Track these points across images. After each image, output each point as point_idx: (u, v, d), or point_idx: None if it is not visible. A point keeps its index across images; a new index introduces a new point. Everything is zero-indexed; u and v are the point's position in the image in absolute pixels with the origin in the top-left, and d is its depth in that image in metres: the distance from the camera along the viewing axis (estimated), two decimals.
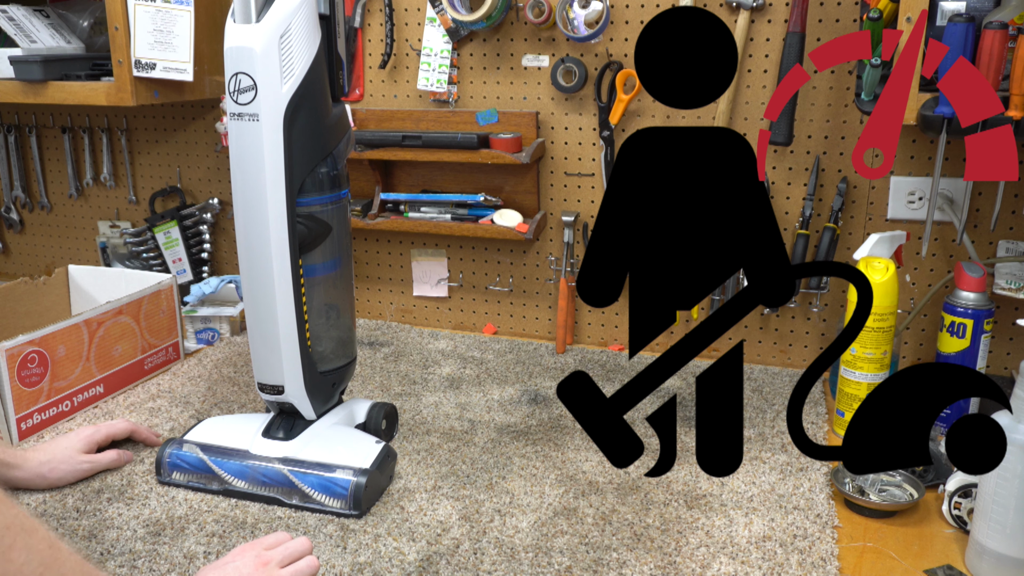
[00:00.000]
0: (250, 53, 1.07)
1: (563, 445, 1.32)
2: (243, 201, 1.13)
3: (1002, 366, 1.52)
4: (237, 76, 1.08)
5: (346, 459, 1.16)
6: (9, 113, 2.12)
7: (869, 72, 1.19)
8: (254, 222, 1.13)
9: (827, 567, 1.00)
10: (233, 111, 1.10)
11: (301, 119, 1.11)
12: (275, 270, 1.14)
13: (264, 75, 1.07)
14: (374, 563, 1.02)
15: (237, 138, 1.11)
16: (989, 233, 1.47)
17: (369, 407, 1.32)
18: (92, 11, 1.91)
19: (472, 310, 1.85)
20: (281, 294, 1.15)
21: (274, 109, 1.09)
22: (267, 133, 1.09)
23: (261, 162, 1.10)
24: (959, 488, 1.09)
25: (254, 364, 1.21)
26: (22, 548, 0.66)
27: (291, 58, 1.09)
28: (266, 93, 1.08)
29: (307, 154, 1.14)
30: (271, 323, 1.17)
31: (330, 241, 1.21)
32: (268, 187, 1.11)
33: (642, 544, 1.06)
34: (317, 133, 1.15)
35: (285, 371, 1.19)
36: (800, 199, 1.56)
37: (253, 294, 1.17)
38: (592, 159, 1.67)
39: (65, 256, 2.20)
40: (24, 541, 0.66)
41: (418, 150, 1.66)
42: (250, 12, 1.07)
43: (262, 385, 1.21)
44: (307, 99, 1.11)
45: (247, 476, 1.17)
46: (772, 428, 1.37)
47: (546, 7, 1.56)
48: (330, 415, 1.27)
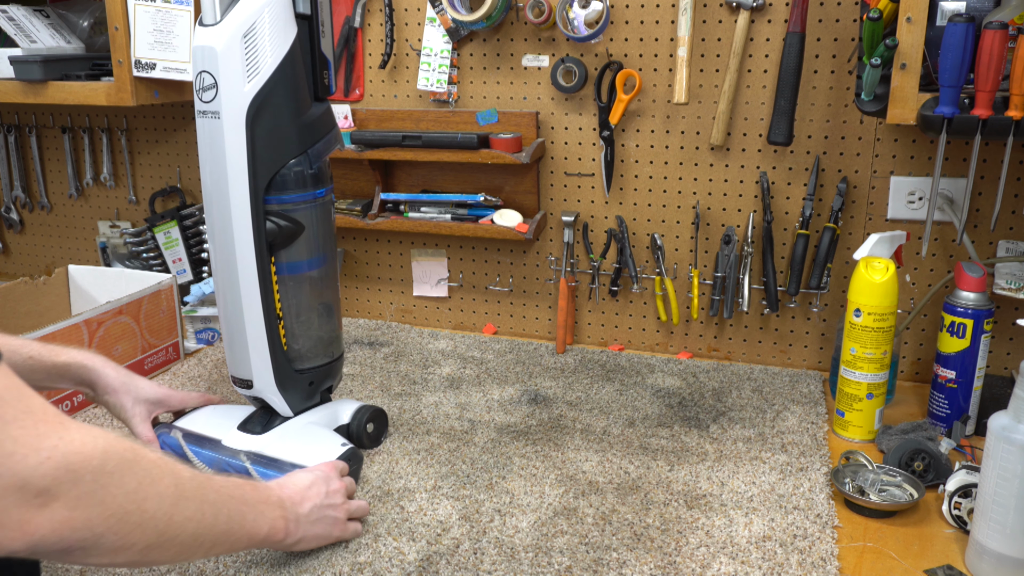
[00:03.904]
0: (211, 52, 1.09)
1: (563, 445, 1.32)
2: (209, 197, 1.16)
3: (1002, 366, 1.52)
4: (201, 75, 1.11)
5: (307, 458, 1.16)
6: (9, 113, 2.12)
7: (869, 72, 1.19)
8: (220, 218, 1.15)
9: (827, 567, 1.00)
10: (198, 108, 1.12)
11: (267, 117, 1.12)
12: (240, 265, 1.16)
13: (226, 74, 1.09)
14: (374, 563, 1.02)
15: (201, 135, 1.14)
16: (989, 233, 1.47)
17: (356, 409, 1.31)
18: (92, 11, 1.91)
19: (472, 310, 1.85)
20: (247, 289, 1.17)
21: (236, 107, 1.10)
22: (229, 131, 1.10)
23: (223, 159, 1.12)
24: (959, 488, 1.09)
25: (227, 356, 1.24)
26: (154, 496, 0.71)
27: (256, 57, 1.10)
28: (227, 91, 1.09)
29: (275, 152, 1.14)
30: (238, 318, 1.19)
31: (308, 239, 1.20)
32: (231, 183, 1.12)
33: (642, 544, 1.06)
34: (288, 132, 1.15)
35: (253, 366, 1.20)
36: (800, 199, 1.56)
37: (221, 288, 1.20)
38: (592, 159, 1.67)
39: (65, 256, 2.20)
40: (155, 490, 0.71)
41: (418, 150, 1.66)
42: (214, 12, 1.09)
43: (233, 378, 1.24)
44: (276, 97, 1.12)
45: (215, 465, 1.19)
46: (772, 428, 1.37)
47: (546, 7, 1.56)
48: (309, 413, 1.27)
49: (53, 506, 0.62)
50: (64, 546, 0.64)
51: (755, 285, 1.62)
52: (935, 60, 1.20)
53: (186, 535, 0.76)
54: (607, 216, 1.69)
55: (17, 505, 0.60)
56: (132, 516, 0.69)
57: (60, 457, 0.62)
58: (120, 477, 0.68)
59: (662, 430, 1.36)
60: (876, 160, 1.51)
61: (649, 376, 1.59)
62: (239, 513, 0.86)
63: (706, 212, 1.62)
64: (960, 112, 1.16)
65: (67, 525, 0.64)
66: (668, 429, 1.37)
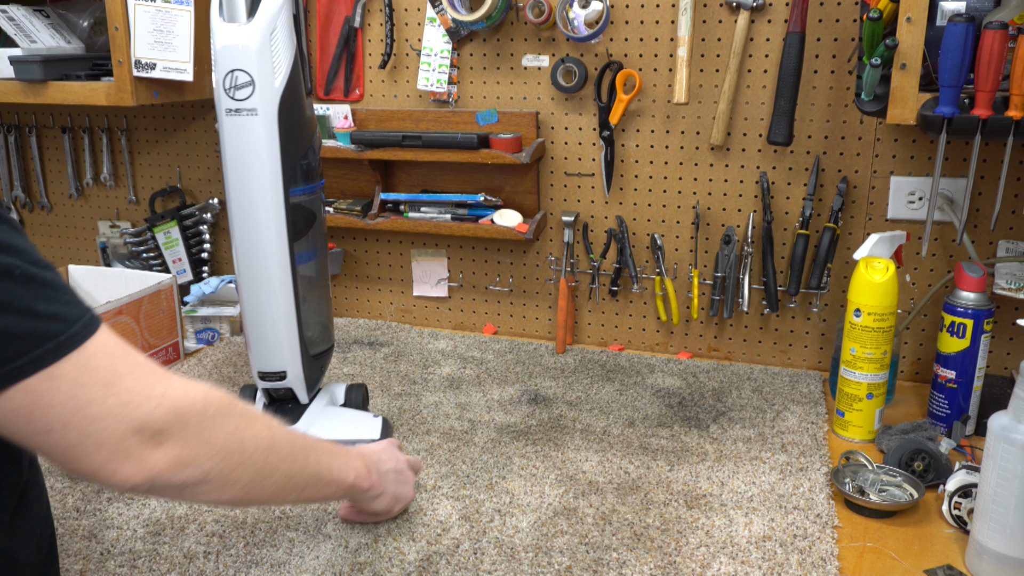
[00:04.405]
0: (246, 50, 1.12)
1: (563, 445, 1.32)
2: (237, 195, 1.18)
3: (1002, 366, 1.52)
4: (233, 73, 1.13)
5: (356, 433, 1.26)
6: (9, 113, 2.11)
7: (869, 72, 1.19)
8: (252, 215, 1.18)
9: (827, 567, 1.00)
10: (229, 107, 1.14)
11: (289, 112, 1.17)
12: (275, 259, 1.20)
13: (260, 71, 1.13)
14: (374, 563, 1.02)
15: (230, 133, 1.15)
16: (989, 233, 1.47)
17: (345, 389, 1.39)
18: (92, 11, 1.91)
19: (472, 310, 1.85)
20: (280, 282, 1.21)
21: (269, 103, 1.14)
22: (264, 127, 1.14)
23: (260, 155, 1.15)
24: (959, 488, 1.09)
25: (254, 354, 1.26)
26: (251, 437, 0.79)
27: (279, 55, 1.14)
28: (262, 88, 1.13)
29: (295, 145, 1.20)
30: (270, 311, 1.22)
31: (313, 229, 1.28)
32: (267, 179, 1.16)
33: (642, 544, 1.06)
34: (301, 126, 1.21)
35: (287, 357, 1.25)
36: (800, 199, 1.56)
37: (253, 285, 1.22)
38: (592, 159, 1.67)
39: (65, 256, 2.20)
40: (252, 432, 0.80)
41: (418, 150, 1.66)
42: (241, 11, 1.13)
43: (263, 373, 1.26)
44: (293, 92, 1.17)
45: None
46: (772, 428, 1.37)
47: (546, 7, 1.56)
48: (318, 398, 1.34)
49: (166, 445, 0.71)
50: (178, 481, 0.73)
51: (755, 285, 1.62)
52: (935, 60, 1.20)
53: (281, 474, 0.84)
54: (607, 216, 1.69)
55: (138, 445, 0.69)
56: (234, 455, 0.77)
57: (169, 403, 0.71)
58: (221, 420, 0.76)
59: (662, 430, 1.36)
60: (876, 160, 1.51)
61: (649, 376, 1.59)
62: (327, 459, 0.94)
63: (706, 212, 1.62)
64: (960, 112, 1.16)
65: (179, 462, 0.72)
66: (668, 429, 1.37)
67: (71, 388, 0.66)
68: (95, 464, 0.68)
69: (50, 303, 0.67)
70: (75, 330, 0.67)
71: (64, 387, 0.66)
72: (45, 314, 0.66)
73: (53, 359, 0.66)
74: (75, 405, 0.66)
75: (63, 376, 0.66)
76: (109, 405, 0.68)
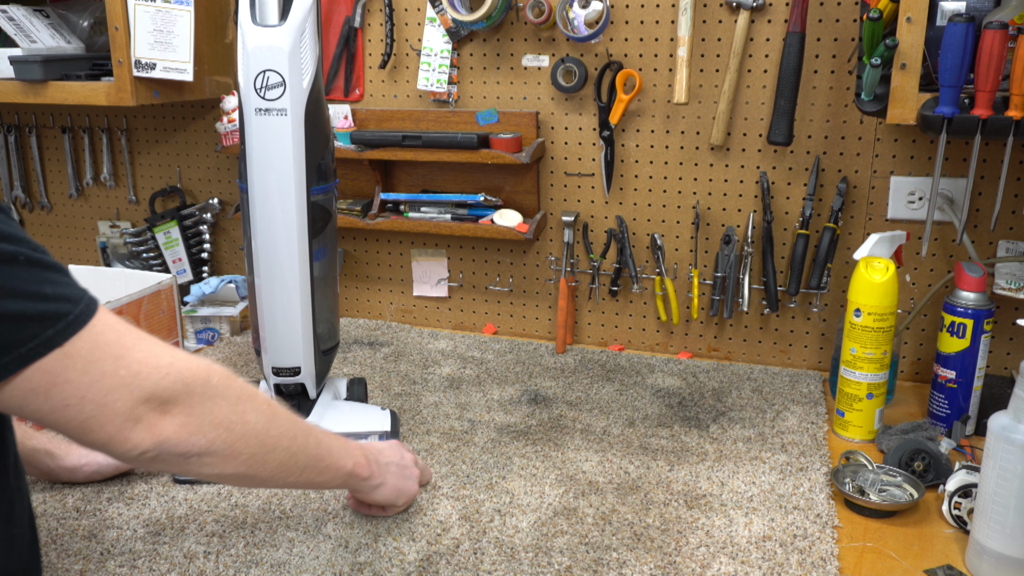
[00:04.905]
0: (279, 52, 1.15)
1: (563, 445, 1.32)
2: (262, 194, 1.20)
3: (1002, 366, 1.52)
4: (265, 74, 1.15)
5: (367, 425, 1.29)
6: (9, 113, 2.12)
7: (869, 72, 1.19)
8: (275, 213, 1.21)
9: (827, 567, 1.00)
10: (259, 107, 1.16)
11: (314, 111, 1.20)
12: (295, 257, 1.22)
13: (291, 72, 1.16)
14: (374, 563, 1.02)
15: (258, 133, 1.18)
16: (989, 233, 1.47)
17: (347, 383, 1.42)
18: (92, 11, 1.91)
19: (472, 310, 1.85)
20: (299, 279, 1.24)
21: (299, 103, 1.18)
22: (292, 126, 1.17)
23: (287, 154, 1.18)
24: (959, 488, 1.09)
25: (269, 350, 1.27)
26: (252, 411, 0.83)
27: (307, 56, 1.18)
28: (293, 88, 1.16)
29: (318, 144, 1.23)
30: (288, 307, 1.24)
31: (328, 227, 1.30)
32: (292, 178, 1.19)
33: (642, 544, 1.06)
34: (323, 125, 1.24)
35: (303, 353, 1.27)
36: (800, 199, 1.56)
37: (267, 281, 1.24)
38: (592, 159, 1.67)
39: (65, 256, 2.20)
40: (253, 405, 0.84)
41: (418, 150, 1.66)
42: (274, 14, 1.17)
43: (278, 369, 1.28)
44: (317, 93, 1.21)
45: None
46: (772, 428, 1.37)
47: (546, 7, 1.56)
48: (324, 393, 1.36)
49: (173, 411, 0.75)
50: (183, 449, 0.77)
51: (755, 285, 1.62)
52: (935, 60, 1.20)
53: (282, 451, 0.87)
54: (607, 216, 1.69)
55: (148, 412, 0.74)
56: (236, 426, 0.81)
57: (176, 373, 0.75)
58: (224, 391, 0.80)
59: (662, 430, 1.36)
60: (876, 160, 1.51)
61: (649, 376, 1.59)
62: (327, 441, 0.96)
63: (706, 212, 1.62)
64: (960, 112, 1.16)
65: (185, 429, 0.76)
66: (668, 429, 1.37)
67: (85, 364, 0.70)
68: (109, 433, 0.72)
69: (56, 285, 0.70)
70: (81, 309, 0.71)
71: (79, 363, 0.70)
72: (53, 296, 0.69)
73: (65, 337, 0.69)
74: (90, 379, 0.70)
75: (77, 353, 0.70)
76: (121, 376, 0.72)
